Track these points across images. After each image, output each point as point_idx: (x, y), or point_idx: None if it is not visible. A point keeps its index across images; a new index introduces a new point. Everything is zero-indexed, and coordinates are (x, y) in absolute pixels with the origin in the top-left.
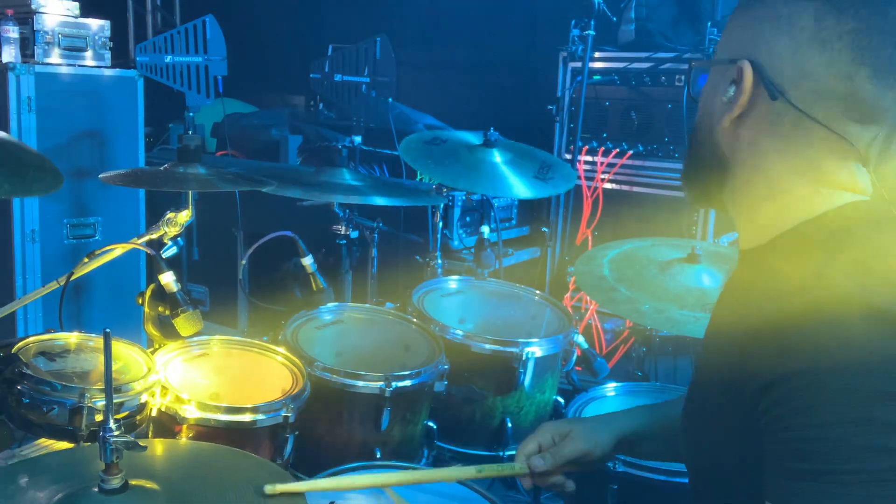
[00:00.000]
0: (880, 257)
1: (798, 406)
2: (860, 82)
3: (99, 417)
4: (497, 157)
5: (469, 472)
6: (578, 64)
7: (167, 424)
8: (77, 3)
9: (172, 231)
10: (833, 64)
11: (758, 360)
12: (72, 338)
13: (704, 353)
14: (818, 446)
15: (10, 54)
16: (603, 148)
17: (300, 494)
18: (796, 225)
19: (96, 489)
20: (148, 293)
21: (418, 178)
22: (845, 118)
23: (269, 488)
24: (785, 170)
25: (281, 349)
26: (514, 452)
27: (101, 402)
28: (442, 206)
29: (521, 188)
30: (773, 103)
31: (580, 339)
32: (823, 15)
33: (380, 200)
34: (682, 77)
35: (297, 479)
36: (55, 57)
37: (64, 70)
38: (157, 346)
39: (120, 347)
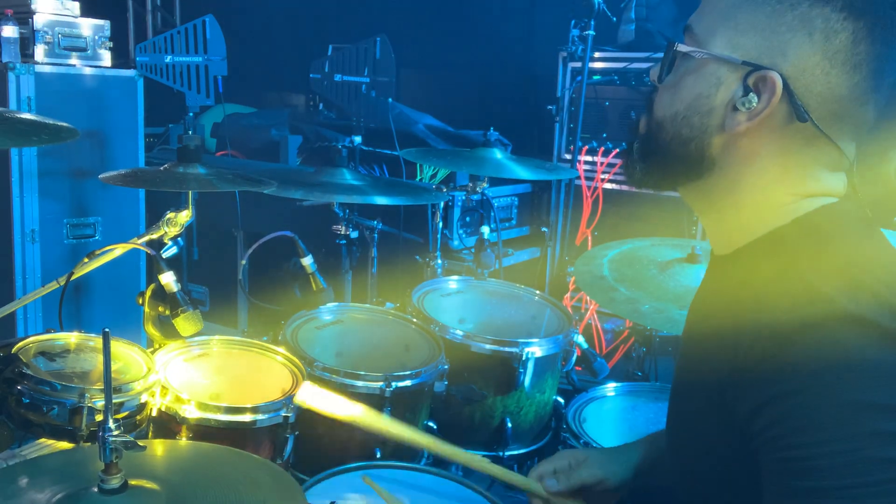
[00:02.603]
0: (860, 262)
1: (797, 424)
2: (870, 107)
3: (99, 417)
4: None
5: (486, 467)
6: (578, 64)
7: (167, 424)
8: (77, 3)
9: (172, 231)
10: (857, 88)
11: (749, 378)
12: (72, 338)
13: (684, 362)
14: (822, 462)
15: (10, 54)
16: (603, 148)
17: (300, 488)
18: (771, 230)
19: (96, 489)
20: (148, 293)
21: (418, 178)
22: (849, 136)
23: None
24: (776, 181)
25: (281, 349)
26: (514, 453)
27: (100, 402)
28: (442, 206)
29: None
30: (790, 121)
31: (580, 339)
32: (860, 38)
33: (380, 200)
34: None
35: (298, 479)
36: (55, 57)
37: (64, 70)
38: (157, 346)
39: (120, 347)
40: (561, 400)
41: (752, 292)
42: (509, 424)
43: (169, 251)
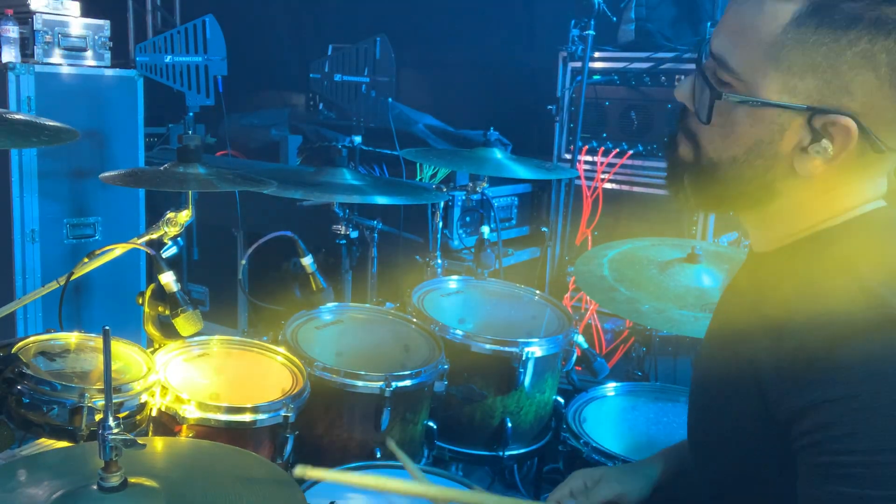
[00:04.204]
0: None
1: (844, 430)
2: None
3: (99, 417)
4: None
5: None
6: (578, 64)
7: (167, 424)
8: (77, 3)
9: (172, 231)
10: None
11: (796, 378)
12: (72, 338)
13: (712, 357)
14: (867, 471)
15: (10, 54)
16: (603, 148)
17: (301, 492)
18: (822, 229)
19: (95, 487)
20: (148, 293)
21: (418, 178)
22: None
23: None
24: (841, 192)
25: (281, 349)
26: (513, 453)
27: (100, 402)
28: (442, 205)
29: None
30: (864, 152)
31: (580, 339)
32: None
33: (380, 200)
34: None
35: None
36: (55, 57)
37: (64, 70)
38: (157, 346)
39: (120, 347)
40: (561, 400)
41: (801, 290)
42: (509, 424)
43: (169, 251)
